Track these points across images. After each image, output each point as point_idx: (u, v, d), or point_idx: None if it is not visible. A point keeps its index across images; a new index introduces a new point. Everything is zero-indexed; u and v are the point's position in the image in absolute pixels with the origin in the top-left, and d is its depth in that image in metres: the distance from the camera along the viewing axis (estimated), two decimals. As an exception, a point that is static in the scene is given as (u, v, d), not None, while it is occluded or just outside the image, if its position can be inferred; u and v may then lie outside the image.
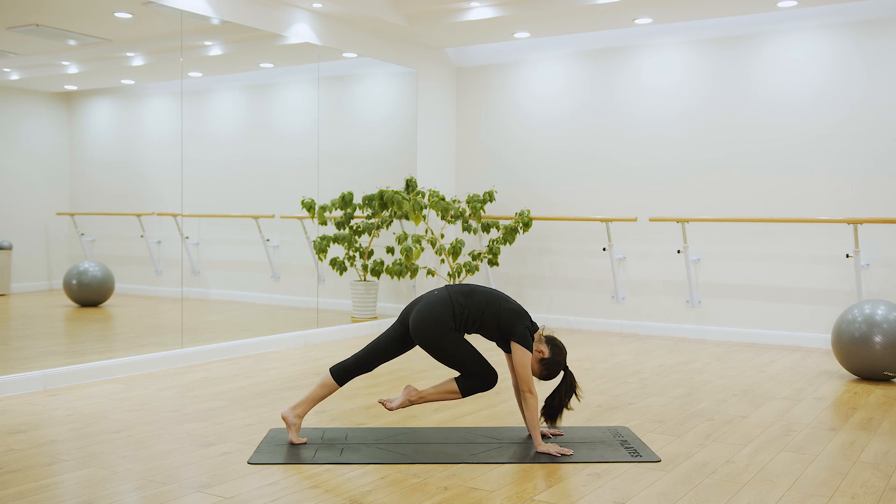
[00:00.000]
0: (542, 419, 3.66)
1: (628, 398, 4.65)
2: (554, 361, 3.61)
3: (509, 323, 3.57)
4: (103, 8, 5.63)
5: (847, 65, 6.52)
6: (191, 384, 4.94)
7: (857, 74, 6.48)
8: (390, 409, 3.65)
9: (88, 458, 3.39)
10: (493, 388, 4.80)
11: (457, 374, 4.06)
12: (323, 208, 7.17)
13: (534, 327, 3.64)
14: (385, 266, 7.39)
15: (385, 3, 6.95)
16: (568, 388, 3.62)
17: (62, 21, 5.51)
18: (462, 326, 3.61)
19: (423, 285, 7.95)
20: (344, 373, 3.67)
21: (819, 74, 6.62)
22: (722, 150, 7.00)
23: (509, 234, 7.49)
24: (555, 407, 3.63)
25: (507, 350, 3.64)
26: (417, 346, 3.69)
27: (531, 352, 3.55)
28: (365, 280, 7.46)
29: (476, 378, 3.61)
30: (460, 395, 3.62)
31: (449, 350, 3.57)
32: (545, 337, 3.64)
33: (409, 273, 7.29)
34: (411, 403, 3.64)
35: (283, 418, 3.64)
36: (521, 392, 3.56)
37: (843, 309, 6.15)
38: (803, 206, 6.64)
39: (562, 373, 3.65)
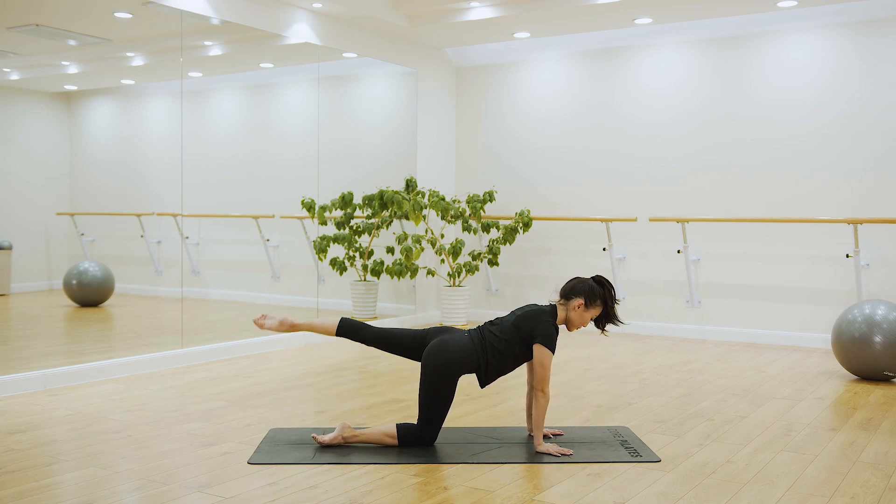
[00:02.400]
0: (601, 328, 3.70)
1: (628, 398, 4.65)
2: (587, 289, 3.62)
3: (530, 327, 3.56)
4: (103, 8, 5.63)
5: (847, 65, 6.52)
6: (191, 384, 4.94)
7: (857, 74, 6.48)
8: (321, 444, 3.54)
9: (88, 458, 3.39)
10: (493, 389, 4.81)
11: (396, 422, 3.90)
12: (323, 208, 7.17)
13: (553, 308, 3.64)
14: (385, 266, 7.39)
15: (385, 3, 6.95)
16: (608, 290, 3.65)
17: (62, 21, 5.51)
18: (484, 373, 3.59)
19: (423, 285, 7.96)
20: (349, 328, 3.68)
21: (819, 74, 6.62)
22: (722, 150, 7.00)
23: (509, 234, 7.49)
24: (606, 314, 3.67)
25: (531, 356, 3.62)
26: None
27: (553, 351, 3.54)
28: (365, 280, 7.46)
29: (423, 432, 3.55)
30: (397, 443, 3.53)
31: (437, 391, 3.51)
32: (561, 298, 3.65)
33: (409, 273, 7.29)
34: (344, 441, 3.55)
35: (280, 321, 3.72)
36: (534, 390, 3.55)
37: (843, 309, 6.15)
38: (803, 206, 6.64)
39: (599, 287, 3.64)
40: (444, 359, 3.51)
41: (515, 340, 3.57)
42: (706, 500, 2.95)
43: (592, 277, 3.69)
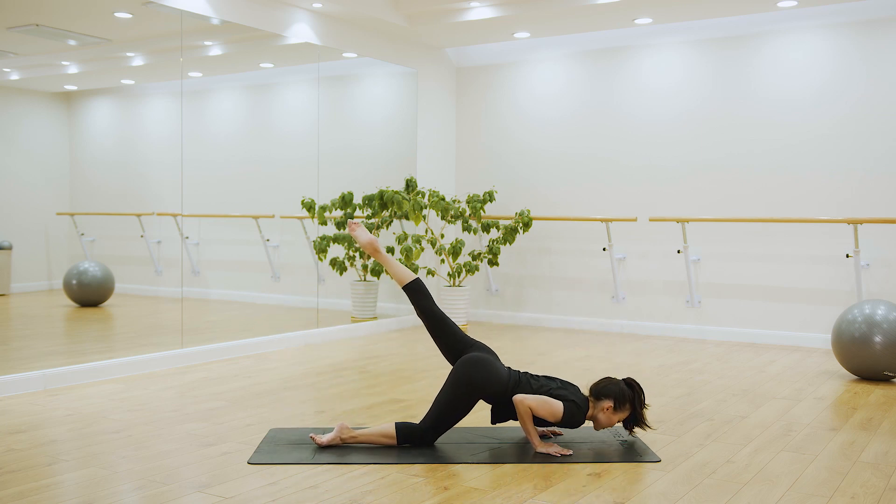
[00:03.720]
0: (629, 430, 3.68)
1: (628, 398, 4.64)
2: (617, 392, 3.59)
3: (564, 396, 3.58)
4: (103, 8, 5.63)
5: (847, 65, 6.52)
6: (191, 384, 4.94)
7: (857, 74, 6.48)
8: (320, 445, 3.55)
9: (88, 458, 3.39)
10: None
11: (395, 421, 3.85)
12: (323, 208, 7.17)
13: (586, 400, 3.63)
14: (385, 266, 7.38)
15: (385, 3, 6.95)
16: (638, 395, 3.62)
17: (62, 21, 5.51)
18: (506, 405, 3.60)
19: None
20: (419, 289, 3.78)
21: (819, 74, 6.62)
22: (722, 150, 7.00)
23: (509, 234, 7.49)
24: (634, 418, 3.64)
25: (550, 423, 3.64)
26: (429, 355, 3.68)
27: (563, 421, 3.55)
28: (365, 280, 7.46)
29: (426, 433, 3.56)
30: (395, 442, 3.54)
31: (458, 400, 3.53)
32: (591, 396, 3.63)
33: (409, 273, 7.28)
34: (342, 441, 3.55)
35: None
36: (520, 401, 3.52)
37: (843, 309, 6.15)
38: (803, 206, 6.65)
39: (629, 391, 3.62)
40: (479, 374, 3.54)
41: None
42: (706, 500, 2.95)
43: (624, 380, 3.67)
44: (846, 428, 4.01)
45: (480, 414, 4.24)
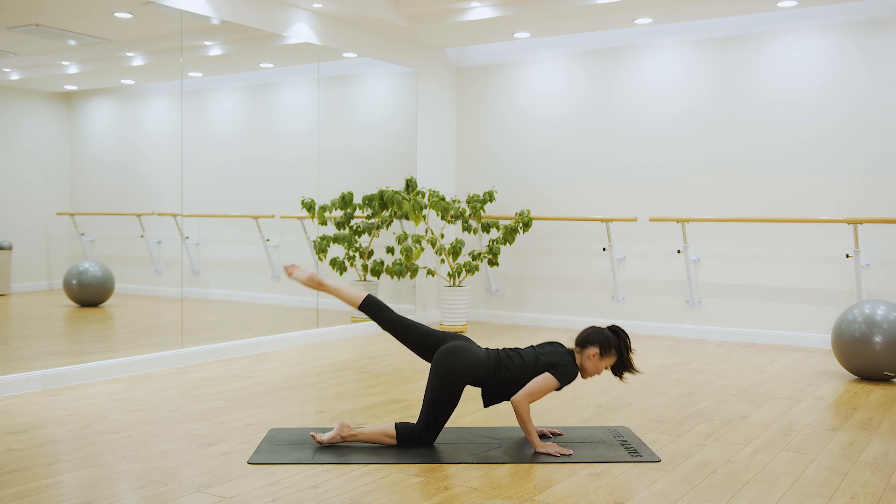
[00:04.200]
0: (619, 376, 3.69)
1: (628, 398, 4.65)
2: (602, 338, 3.62)
3: (551, 361, 3.60)
4: (103, 8, 5.63)
5: (847, 65, 6.52)
6: (191, 384, 4.94)
7: (857, 74, 6.48)
8: (321, 443, 3.56)
9: (88, 458, 3.39)
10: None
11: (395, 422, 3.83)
12: (323, 208, 7.17)
13: (571, 353, 3.67)
14: (385, 266, 7.39)
15: (385, 3, 6.95)
16: (624, 340, 3.65)
17: (62, 21, 5.51)
18: (493, 386, 3.60)
19: (423, 285, 7.96)
20: (373, 305, 3.80)
21: (819, 74, 6.62)
22: (722, 150, 7.00)
23: (509, 234, 7.49)
24: (622, 363, 3.66)
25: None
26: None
27: (561, 386, 3.56)
28: (365, 280, 7.46)
29: (424, 432, 3.55)
30: (395, 442, 3.54)
31: (444, 394, 3.52)
32: (577, 346, 3.67)
33: (409, 273, 7.29)
34: (343, 439, 3.56)
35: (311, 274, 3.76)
36: (519, 397, 3.53)
37: (843, 309, 6.15)
38: (803, 206, 6.64)
39: (614, 337, 3.65)
40: (457, 363, 3.53)
41: (532, 373, 3.60)
42: (706, 500, 2.95)
43: (608, 327, 3.70)
44: (846, 428, 4.01)
45: (481, 414, 4.25)
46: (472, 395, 4.67)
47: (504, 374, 3.59)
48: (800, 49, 6.69)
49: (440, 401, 3.54)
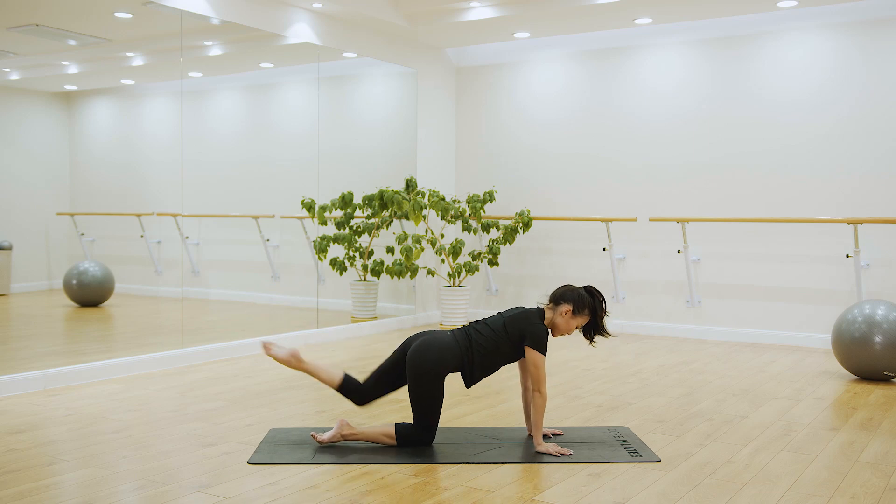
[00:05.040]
0: (589, 338, 3.69)
1: (628, 398, 4.65)
2: (576, 297, 3.62)
3: (520, 328, 3.57)
4: (103, 8, 5.63)
5: (847, 65, 6.52)
6: (191, 384, 4.94)
7: (857, 74, 6.48)
8: (321, 443, 3.56)
9: (88, 458, 3.39)
10: (493, 389, 4.81)
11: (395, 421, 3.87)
12: (323, 208, 7.17)
13: (540, 311, 3.65)
14: (385, 266, 7.39)
15: (385, 3, 6.95)
16: (599, 301, 3.65)
17: (62, 21, 5.51)
18: (469, 373, 3.58)
19: (423, 285, 7.96)
20: (350, 387, 3.63)
21: (819, 74, 6.62)
22: (722, 150, 7.00)
23: (509, 234, 7.49)
24: (594, 325, 3.66)
25: (520, 356, 3.64)
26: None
27: (545, 353, 3.55)
28: (365, 280, 7.46)
29: (420, 431, 3.54)
30: (395, 443, 3.53)
31: (426, 393, 3.51)
32: (550, 302, 3.66)
33: (409, 273, 7.29)
34: (343, 438, 3.56)
35: (290, 352, 3.65)
36: (531, 392, 3.55)
37: (843, 309, 6.15)
38: (803, 206, 6.64)
39: (589, 297, 3.65)
40: (428, 359, 3.51)
41: (504, 341, 3.58)
42: (706, 500, 2.95)
43: (584, 287, 3.70)
44: (846, 428, 4.01)
45: (481, 414, 4.25)
46: (472, 395, 4.67)
47: (477, 349, 3.57)
48: (800, 49, 6.69)
49: (424, 401, 3.53)
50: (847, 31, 6.51)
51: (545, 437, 3.75)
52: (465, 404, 4.44)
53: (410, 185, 7.45)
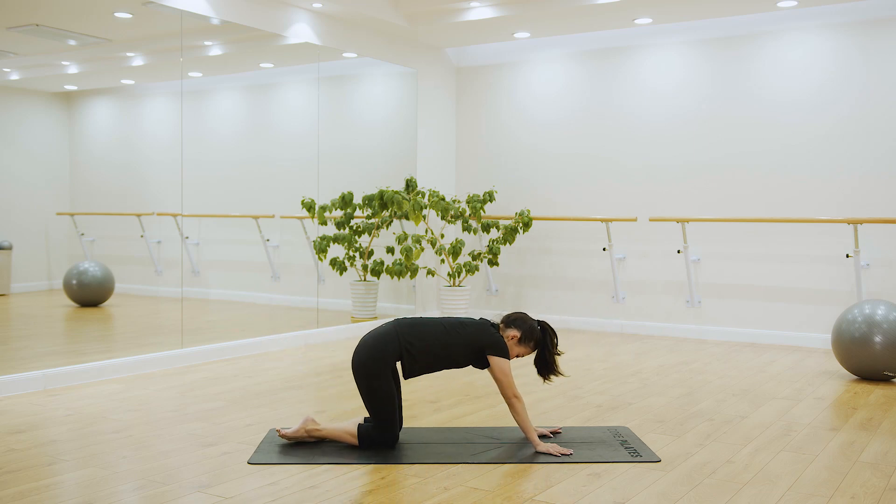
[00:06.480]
0: (543, 376, 3.67)
1: (628, 398, 4.65)
2: (526, 327, 3.62)
3: (478, 340, 3.55)
4: (103, 8, 5.63)
5: (847, 65, 6.52)
6: (191, 384, 4.94)
7: (857, 74, 6.48)
8: (284, 437, 3.55)
9: (88, 458, 3.39)
10: (494, 388, 4.80)
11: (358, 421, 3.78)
12: (323, 208, 7.17)
13: (495, 326, 3.66)
14: (385, 266, 7.39)
15: (385, 3, 6.95)
16: (550, 337, 3.64)
17: (62, 21, 5.51)
18: (409, 361, 3.52)
19: (423, 285, 7.96)
20: (368, 434, 3.55)
21: (819, 74, 6.62)
22: (722, 150, 7.00)
23: (509, 234, 7.49)
24: (544, 361, 3.64)
25: (484, 366, 3.62)
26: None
27: (508, 357, 3.56)
28: (365, 280, 7.46)
29: (381, 430, 3.51)
30: (357, 443, 3.51)
31: (375, 392, 3.48)
32: (501, 323, 3.67)
33: (409, 273, 7.29)
34: (307, 433, 3.55)
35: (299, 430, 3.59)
36: (507, 399, 3.54)
37: (843, 309, 6.15)
38: (803, 206, 6.64)
39: (539, 331, 3.65)
40: (368, 357, 3.50)
41: (460, 345, 3.54)
42: (706, 500, 2.95)
43: (538, 320, 3.70)
44: (846, 428, 4.01)
45: (481, 414, 4.25)
46: (472, 395, 4.67)
47: (420, 351, 3.50)
48: (800, 49, 6.69)
49: (377, 399, 3.49)
50: (847, 31, 6.51)
51: (545, 436, 3.75)
52: (465, 404, 4.44)
53: (410, 185, 7.45)
